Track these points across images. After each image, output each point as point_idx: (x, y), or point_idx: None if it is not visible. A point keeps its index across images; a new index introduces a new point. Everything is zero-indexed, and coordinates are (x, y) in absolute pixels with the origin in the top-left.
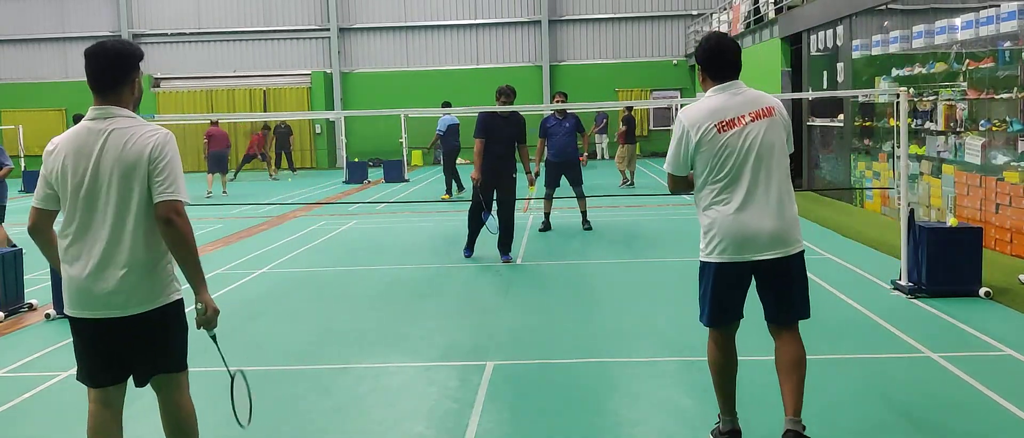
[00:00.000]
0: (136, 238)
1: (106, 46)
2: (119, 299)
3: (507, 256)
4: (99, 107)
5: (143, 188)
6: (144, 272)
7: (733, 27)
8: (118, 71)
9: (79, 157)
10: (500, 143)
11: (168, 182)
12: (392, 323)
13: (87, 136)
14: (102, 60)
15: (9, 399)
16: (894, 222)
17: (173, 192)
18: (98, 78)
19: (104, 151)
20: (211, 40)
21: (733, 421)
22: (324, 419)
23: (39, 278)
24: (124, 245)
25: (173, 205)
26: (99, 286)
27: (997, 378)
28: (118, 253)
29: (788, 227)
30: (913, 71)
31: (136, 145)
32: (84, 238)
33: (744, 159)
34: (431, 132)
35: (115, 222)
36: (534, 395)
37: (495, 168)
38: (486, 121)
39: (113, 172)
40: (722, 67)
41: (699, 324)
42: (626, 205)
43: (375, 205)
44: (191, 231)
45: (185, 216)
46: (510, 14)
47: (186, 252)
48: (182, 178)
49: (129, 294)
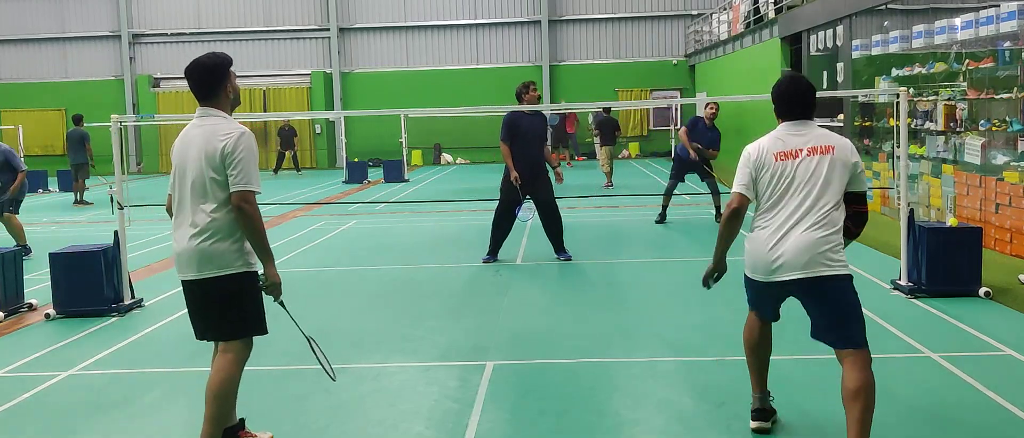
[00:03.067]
0: (209, 216)
1: (196, 62)
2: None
3: (565, 254)
4: (200, 108)
5: (219, 176)
6: (211, 244)
7: (733, 27)
8: (207, 81)
9: (180, 148)
10: (530, 142)
11: (240, 174)
12: (392, 323)
13: (189, 131)
14: (193, 74)
15: (9, 399)
16: (894, 222)
17: (243, 183)
18: (193, 90)
19: (196, 142)
20: (211, 40)
21: (760, 399)
22: (324, 419)
23: (39, 278)
24: (199, 221)
25: (243, 194)
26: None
27: (997, 378)
28: (193, 227)
29: (815, 253)
30: (913, 71)
31: (214, 140)
32: (179, 214)
33: (788, 185)
34: (431, 132)
35: (193, 202)
36: (534, 395)
37: (531, 169)
38: (511, 122)
39: (198, 160)
40: (791, 108)
41: (699, 324)
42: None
43: (375, 205)
44: (259, 216)
45: (254, 204)
46: (510, 14)
47: (251, 233)
48: (254, 171)
49: (200, 262)
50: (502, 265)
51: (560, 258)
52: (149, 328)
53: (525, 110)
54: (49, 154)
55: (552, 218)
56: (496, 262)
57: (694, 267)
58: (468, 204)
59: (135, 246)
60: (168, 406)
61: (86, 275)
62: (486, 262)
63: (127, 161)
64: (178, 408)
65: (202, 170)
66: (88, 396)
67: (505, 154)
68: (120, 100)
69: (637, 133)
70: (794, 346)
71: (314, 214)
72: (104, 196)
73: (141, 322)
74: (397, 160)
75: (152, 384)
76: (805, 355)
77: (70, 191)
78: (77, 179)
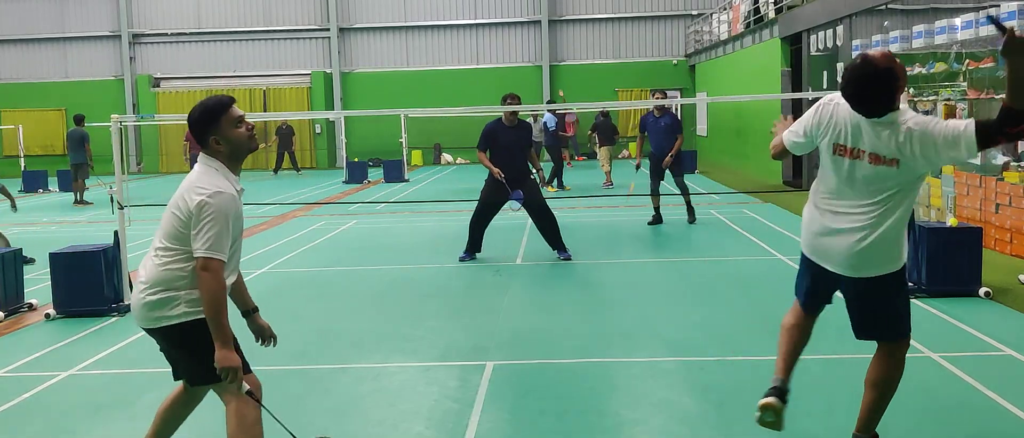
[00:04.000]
0: (164, 266)
1: (191, 111)
2: None
3: (565, 253)
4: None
5: (185, 230)
6: (161, 296)
7: (733, 27)
8: (194, 133)
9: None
10: (512, 153)
11: (201, 237)
12: (392, 323)
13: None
14: (189, 122)
15: (9, 399)
16: None
17: (206, 248)
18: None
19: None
20: (211, 40)
21: (780, 380)
22: (324, 419)
23: (39, 278)
24: (150, 266)
25: (205, 261)
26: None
27: (997, 378)
28: (144, 274)
29: (865, 256)
30: (913, 71)
31: (191, 191)
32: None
33: (848, 184)
34: (431, 132)
35: (155, 243)
36: (534, 395)
37: (514, 177)
38: (489, 134)
39: (173, 203)
40: (856, 104)
41: (699, 324)
42: (626, 205)
43: (375, 205)
44: (221, 289)
45: (217, 273)
46: (510, 14)
47: (207, 304)
48: (222, 238)
49: (146, 313)
50: (502, 265)
51: (561, 257)
52: None
53: (506, 121)
54: (49, 154)
55: (544, 218)
56: (473, 261)
57: (694, 267)
58: (468, 204)
59: (135, 246)
60: None
61: (86, 275)
62: (462, 261)
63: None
64: None
65: (171, 216)
66: (88, 396)
67: (482, 159)
68: (120, 100)
69: (637, 133)
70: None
71: (314, 214)
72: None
73: None
74: (397, 160)
75: (152, 384)
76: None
77: (70, 191)
78: (76, 179)
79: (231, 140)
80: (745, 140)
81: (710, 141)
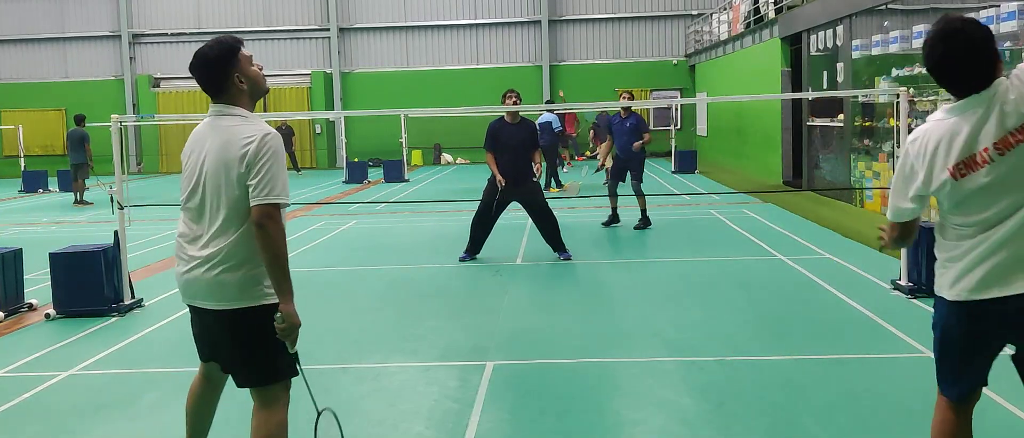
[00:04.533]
0: (230, 235)
1: (197, 56)
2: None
3: (565, 253)
4: (213, 105)
5: (240, 189)
6: (235, 269)
7: (733, 27)
8: (212, 76)
9: (191, 154)
10: (513, 150)
11: (263, 183)
12: (392, 323)
13: (200, 132)
14: (196, 71)
15: (9, 399)
16: None
17: (267, 193)
18: (202, 86)
19: (209, 150)
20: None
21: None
22: (324, 419)
23: (39, 278)
24: (219, 241)
25: (266, 209)
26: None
27: (997, 378)
28: (211, 248)
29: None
30: (913, 71)
31: (233, 146)
32: (193, 229)
33: (999, 192)
34: (431, 132)
35: (212, 217)
36: (534, 395)
37: (515, 176)
38: (492, 132)
39: (215, 171)
40: (953, 80)
41: (699, 324)
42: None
43: (375, 205)
44: (284, 238)
45: (279, 221)
46: (510, 14)
47: (271, 257)
48: (281, 179)
49: (218, 293)
50: (502, 265)
51: (561, 257)
52: (149, 328)
53: (508, 119)
54: (49, 154)
55: (545, 219)
56: (473, 261)
57: (694, 267)
58: (468, 204)
59: (135, 246)
60: (168, 406)
61: (86, 275)
62: (462, 261)
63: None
64: (178, 408)
65: (219, 184)
66: (88, 396)
67: (489, 161)
68: (120, 100)
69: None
70: (795, 347)
71: (314, 214)
72: (104, 196)
73: (141, 322)
74: (397, 160)
75: (152, 384)
76: (810, 355)
77: (70, 191)
78: (76, 179)
79: (252, 78)
80: (745, 140)
81: (710, 141)
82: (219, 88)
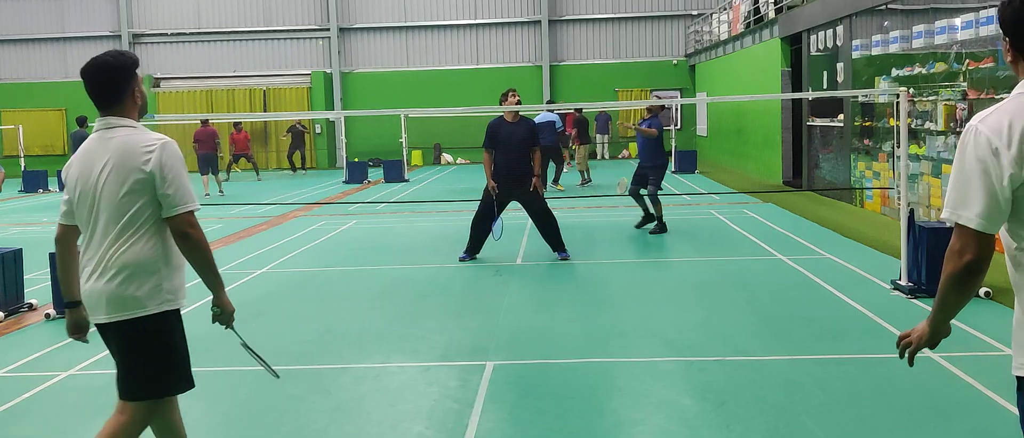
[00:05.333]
0: (125, 251)
1: (97, 63)
2: (105, 304)
3: (564, 253)
4: (102, 118)
5: (143, 198)
6: (133, 278)
7: (733, 27)
8: (112, 85)
9: (83, 168)
10: (511, 149)
11: (176, 193)
12: (392, 323)
13: (90, 146)
14: (94, 76)
15: (9, 399)
16: (894, 222)
17: (182, 202)
18: (93, 95)
19: (105, 162)
20: (211, 40)
21: None
22: (324, 419)
23: (39, 278)
24: (112, 257)
25: (186, 218)
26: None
27: (997, 378)
28: (103, 264)
29: None
30: (913, 71)
31: (134, 155)
32: (86, 249)
33: None
34: (431, 132)
35: (107, 228)
36: (534, 395)
37: (512, 176)
38: (492, 130)
39: (113, 182)
40: None
41: (699, 324)
42: (625, 205)
43: (375, 205)
44: (205, 239)
45: (198, 227)
46: (510, 14)
47: (201, 261)
48: (189, 185)
49: (110, 304)
50: (502, 265)
51: (560, 257)
52: None
53: (507, 117)
54: (49, 154)
55: (544, 220)
56: (473, 261)
57: (694, 267)
58: (468, 204)
59: None
60: None
61: None
62: (462, 261)
63: None
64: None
65: (116, 194)
66: (88, 396)
67: (486, 162)
68: None
69: (635, 133)
70: (795, 347)
71: (314, 214)
72: None
73: None
74: (397, 160)
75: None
76: (810, 355)
77: None
78: None
79: (143, 94)
80: (745, 140)
81: (710, 141)
82: (115, 98)
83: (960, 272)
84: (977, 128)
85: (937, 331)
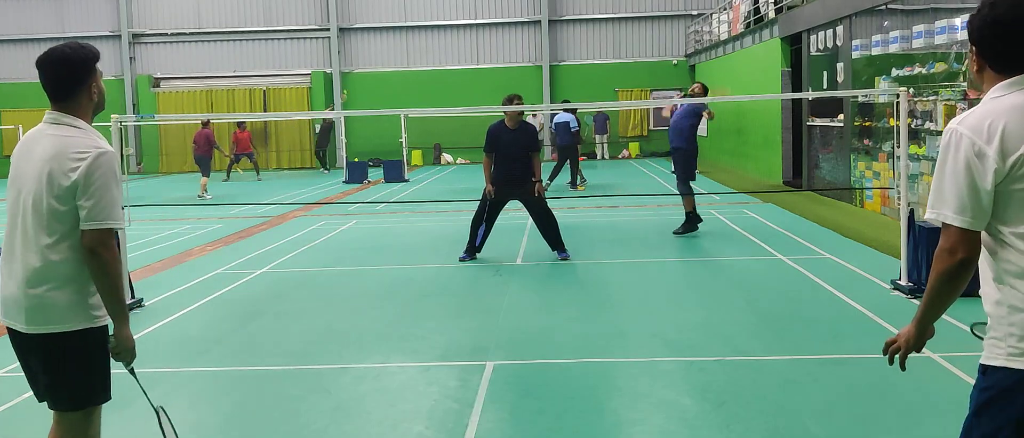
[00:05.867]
0: (47, 257)
1: (54, 54)
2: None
3: (564, 253)
4: (51, 113)
5: (68, 206)
6: (59, 289)
7: (733, 27)
8: (68, 79)
9: (19, 161)
10: (511, 156)
11: (95, 207)
12: (392, 323)
13: (31, 142)
14: (50, 68)
15: (9, 399)
16: (894, 222)
17: (100, 217)
18: (46, 87)
19: (39, 161)
20: (211, 40)
21: None
22: (324, 419)
23: None
24: (33, 262)
25: (99, 235)
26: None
27: None
28: (26, 268)
29: None
30: (913, 71)
31: (65, 160)
32: (9, 247)
33: None
34: (431, 132)
35: (37, 230)
36: (534, 395)
37: (511, 181)
38: (492, 136)
39: (39, 180)
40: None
41: (699, 324)
42: (626, 205)
43: (375, 205)
44: (117, 263)
45: (113, 249)
46: (510, 14)
47: (106, 284)
48: (115, 203)
49: (31, 314)
50: (502, 265)
51: (560, 257)
52: (149, 328)
53: (508, 124)
54: None
55: (544, 220)
56: (473, 261)
57: (694, 267)
58: (468, 204)
59: (135, 246)
60: (168, 406)
61: None
62: (462, 261)
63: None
64: (178, 408)
65: (42, 195)
66: None
67: (485, 166)
68: (120, 100)
69: (637, 133)
70: (795, 347)
71: (314, 214)
72: None
73: (141, 322)
74: (397, 160)
75: (152, 384)
76: (810, 355)
77: None
78: None
79: (101, 91)
80: (745, 140)
81: (710, 141)
82: (69, 92)
83: (953, 269)
84: (958, 130)
85: (924, 332)
